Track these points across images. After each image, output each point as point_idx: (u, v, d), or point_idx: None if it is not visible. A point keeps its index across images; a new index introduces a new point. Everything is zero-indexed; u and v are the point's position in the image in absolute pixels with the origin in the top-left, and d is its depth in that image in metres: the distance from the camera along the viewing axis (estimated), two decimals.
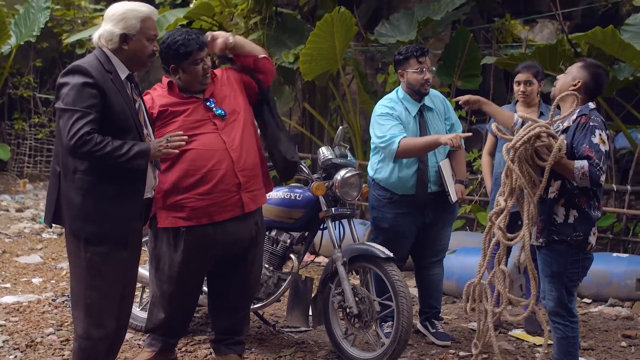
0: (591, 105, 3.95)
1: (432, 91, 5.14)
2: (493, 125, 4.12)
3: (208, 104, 4.21)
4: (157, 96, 4.22)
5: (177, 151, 3.73)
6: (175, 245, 4.20)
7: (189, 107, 4.18)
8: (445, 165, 4.97)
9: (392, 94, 5.09)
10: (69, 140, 3.43)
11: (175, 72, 4.18)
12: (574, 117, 3.90)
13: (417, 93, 4.97)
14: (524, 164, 3.79)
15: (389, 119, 4.90)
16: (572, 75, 4.00)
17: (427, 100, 5.03)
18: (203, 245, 4.20)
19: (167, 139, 3.66)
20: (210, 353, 4.66)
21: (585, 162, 3.72)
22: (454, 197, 4.97)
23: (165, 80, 4.28)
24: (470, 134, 4.96)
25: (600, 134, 3.79)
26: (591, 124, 3.82)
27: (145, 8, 3.69)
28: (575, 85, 3.95)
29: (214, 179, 4.11)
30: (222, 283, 4.40)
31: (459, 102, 4.57)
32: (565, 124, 3.93)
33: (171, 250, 4.21)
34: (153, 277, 4.35)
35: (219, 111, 4.20)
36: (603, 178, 3.77)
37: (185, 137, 3.75)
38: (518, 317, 4.17)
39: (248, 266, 4.37)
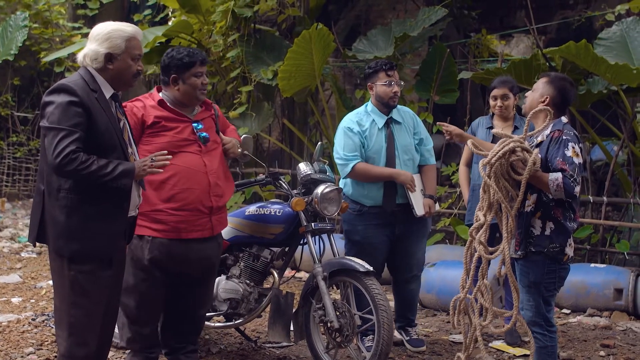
0: (564, 119, 4.03)
1: (403, 107, 5.31)
2: (469, 142, 4.19)
3: (195, 125, 4.32)
4: (149, 106, 4.30)
5: (161, 171, 3.75)
6: (142, 254, 4.26)
7: (179, 125, 4.29)
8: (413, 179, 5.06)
9: (362, 107, 5.26)
10: (54, 158, 3.43)
11: (175, 82, 4.29)
12: (548, 131, 3.97)
13: (385, 106, 5.11)
14: (501, 179, 3.85)
15: (349, 136, 5.06)
16: (540, 91, 4.07)
17: (395, 114, 5.16)
18: (167, 259, 4.26)
19: (152, 159, 3.68)
20: None
21: (559, 174, 3.79)
22: (418, 211, 5.04)
23: (156, 95, 4.36)
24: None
25: (573, 147, 3.86)
26: (564, 137, 3.88)
27: (130, 28, 3.71)
28: (543, 101, 4.02)
29: (188, 198, 4.21)
30: (182, 292, 4.46)
31: (443, 129, 4.67)
32: (539, 139, 4.00)
33: (136, 259, 4.27)
34: None
35: (203, 134, 4.32)
36: (577, 189, 3.84)
37: (170, 157, 3.78)
38: (501, 329, 4.22)
39: (205, 282, 4.49)
